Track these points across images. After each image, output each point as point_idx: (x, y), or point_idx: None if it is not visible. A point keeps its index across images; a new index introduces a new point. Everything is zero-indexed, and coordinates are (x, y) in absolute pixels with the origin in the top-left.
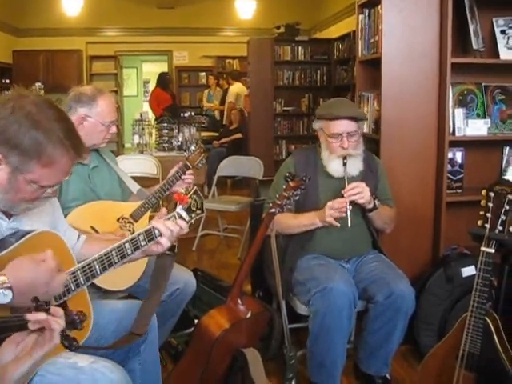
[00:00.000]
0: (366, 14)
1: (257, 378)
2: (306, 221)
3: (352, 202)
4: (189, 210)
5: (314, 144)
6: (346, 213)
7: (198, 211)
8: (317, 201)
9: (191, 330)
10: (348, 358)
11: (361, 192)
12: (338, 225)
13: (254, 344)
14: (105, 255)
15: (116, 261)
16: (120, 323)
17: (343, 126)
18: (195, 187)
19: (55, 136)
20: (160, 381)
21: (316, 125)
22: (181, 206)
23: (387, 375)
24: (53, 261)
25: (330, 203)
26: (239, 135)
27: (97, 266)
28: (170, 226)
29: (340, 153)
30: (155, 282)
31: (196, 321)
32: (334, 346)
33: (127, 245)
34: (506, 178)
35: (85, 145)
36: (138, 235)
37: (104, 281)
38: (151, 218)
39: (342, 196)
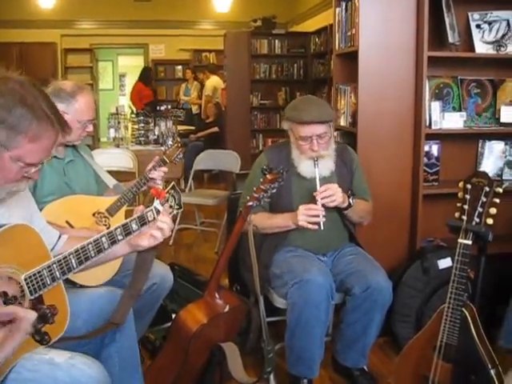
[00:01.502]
0: (343, 7)
1: (235, 371)
2: (281, 222)
3: (324, 205)
4: (166, 206)
5: (287, 140)
6: (319, 216)
7: (176, 206)
8: (290, 201)
9: (169, 324)
10: (326, 351)
11: (332, 195)
12: (316, 227)
13: (231, 338)
14: (81, 249)
15: (93, 255)
16: (91, 312)
17: (311, 129)
18: (173, 183)
19: (40, 111)
20: (139, 366)
21: (285, 125)
22: (158, 201)
23: (365, 367)
24: (28, 323)
25: (301, 207)
26: (216, 129)
27: (73, 260)
28: (165, 220)
29: (310, 155)
30: (136, 273)
31: (173, 315)
32: (312, 338)
33: (104, 239)
34: (480, 170)
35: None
36: (115, 229)
37: (80, 276)
38: (127, 212)
39: (314, 198)
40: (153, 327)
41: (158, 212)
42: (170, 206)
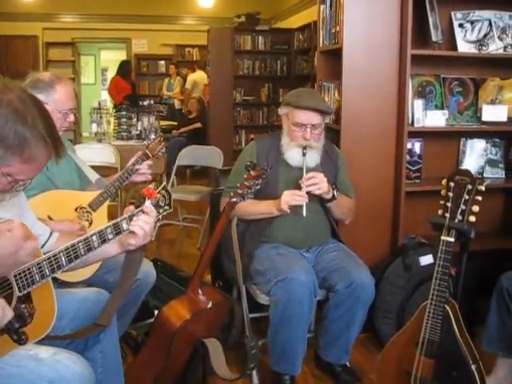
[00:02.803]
0: (328, 4)
1: (218, 367)
2: (263, 209)
3: (309, 193)
4: (157, 206)
5: (277, 132)
6: (303, 203)
7: (166, 207)
8: (276, 189)
9: (151, 320)
10: (308, 347)
11: (318, 183)
12: (288, 211)
13: (214, 334)
14: (71, 247)
15: (82, 253)
16: (77, 312)
17: (308, 116)
18: (164, 183)
19: (39, 133)
20: (121, 368)
21: (282, 110)
22: (149, 201)
23: (347, 363)
24: (19, 230)
25: (286, 192)
26: (198, 124)
27: (63, 258)
28: (146, 219)
29: (300, 142)
30: (124, 274)
31: (156, 311)
32: (295, 336)
33: (94, 237)
34: (462, 168)
35: (63, 143)
36: (106, 228)
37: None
38: (110, 207)
39: (300, 185)
40: (135, 323)
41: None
42: (161, 207)
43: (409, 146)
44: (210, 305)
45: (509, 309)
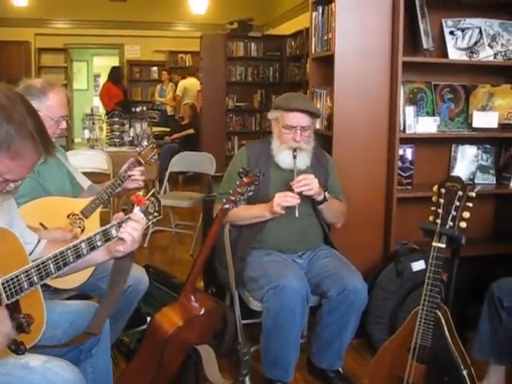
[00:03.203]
0: (320, 12)
1: (211, 374)
2: (256, 213)
3: (301, 194)
4: (146, 213)
5: (268, 137)
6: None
7: (156, 213)
8: (267, 192)
9: (143, 327)
10: (301, 353)
11: (309, 184)
12: (283, 212)
13: (207, 340)
14: (60, 254)
15: (71, 260)
16: (72, 323)
17: (298, 118)
18: (154, 189)
19: (27, 131)
20: (111, 381)
21: (272, 115)
22: (138, 208)
23: (340, 369)
24: None
25: (278, 194)
26: (191, 131)
27: (51, 265)
28: (134, 226)
29: (291, 145)
30: (113, 281)
31: (148, 318)
32: (288, 343)
33: (83, 244)
34: (453, 174)
35: (53, 142)
36: (95, 235)
37: (54, 279)
38: (102, 214)
39: (291, 187)
40: (127, 330)
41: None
42: (150, 213)
43: (400, 152)
44: (202, 311)
45: (500, 317)
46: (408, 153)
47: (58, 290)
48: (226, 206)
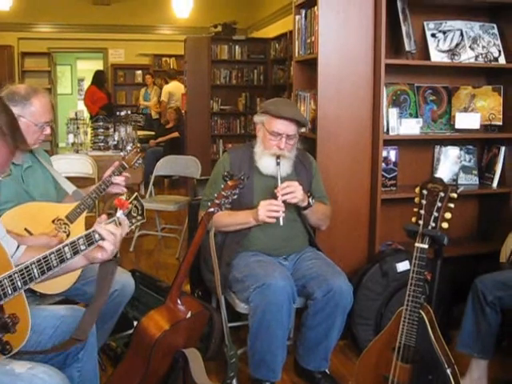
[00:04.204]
0: (303, 15)
1: (198, 377)
2: (241, 219)
3: (285, 202)
4: (129, 216)
5: (251, 142)
6: (279, 212)
7: (139, 217)
8: (251, 199)
9: (130, 331)
10: (288, 355)
11: (293, 191)
12: (274, 221)
13: (194, 344)
14: (43, 259)
15: (55, 264)
16: (58, 328)
17: (285, 126)
18: (136, 193)
19: None
20: None
21: (258, 118)
22: (121, 212)
23: (327, 370)
24: None
25: (262, 202)
26: (176, 134)
27: (35, 270)
28: (111, 230)
29: (274, 151)
30: (99, 288)
31: (135, 322)
32: (274, 341)
33: (66, 248)
34: (437, 175)
35: (25, 138)
36: (78, 239)
37: (40, 284)
38: (87, 219)
39: (275, 194)
40: (114, 335)
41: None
42: (133, 217)
43: (384, 153)
44: (189, 315)
45: (484, 311)
46: (392, 154)
47: (43, 295)
48: (211, 209)
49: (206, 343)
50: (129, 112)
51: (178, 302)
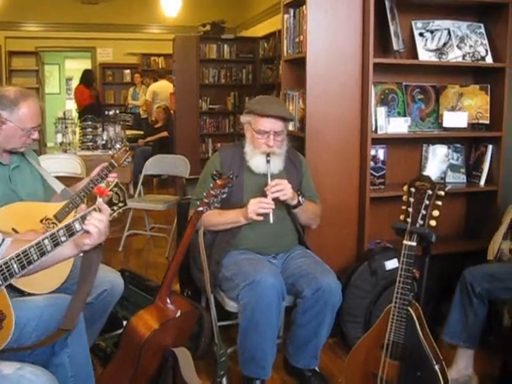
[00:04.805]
0: (291, 14)
1: (188, 376)
2: (231, 218)
3: (275, 199)
4: (110, 204)
5: (241, 141)
6: (269, 209)
7: (121, 204)
8: (241, 197)
9: (120, 331)
10: (278, 353)
11: (283, 189)
12: (261, 218)
13: (184, 343)
14: (23, 253)
15: (35, 258)
16: (41, 319)
17: (271, 124)
18: (116, 180)
19: None
20: (92, 370)
21: (244, 118)
22: (101, 199)
23: (316, 368)
24: None
25: (252, 200)
26: (165, 133)
27: (14, 265)
28: (94, 215)
29: (264, 149)
30: (83, 276)
31: (125, 322)
32: (264, 338)
33: (46, 241)
34: (425, 173)
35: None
36: (58, 231)
37: (29, 283)
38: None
39: (265, 193)
40: (104, 334)
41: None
42: (115, 204)
43: (373, 152)
44: (178, 314)
45: (471, 302)
46: (380, 153)
47: (32, 295)
48: (200, 208)
49: (195, 342)
50: (117, 111)
51: (168, 301)
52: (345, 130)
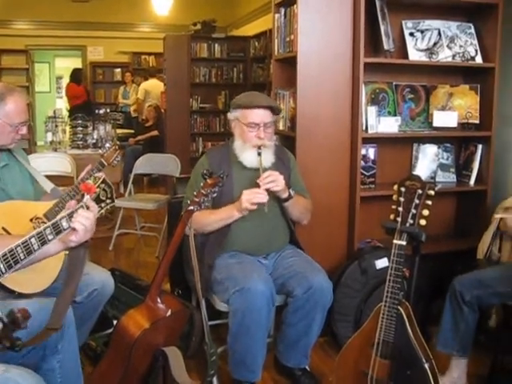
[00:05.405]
0: (282, 13)
1: (178, 376)
2: (224, 214)
3: (268, 191)
4: (98, 200)
5: (227, 141)
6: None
7: (108, 200)
8: (232, 193)
9: (110, 331)
10: (268, 352)
11: (276, 180)
12: (255, 207)
13: (174, 342)
14: (9, 252)
15: (22, 257)
16: (32, 323)
17: (261, 115)
18: (103, 176)
19: None
20: (81, 377)
21: (232, 114)
22: (88, 196)
23: (307, 367)
24: None
25: (245, 191)
26: (155, 132)
27: (1, 265)
28: (81, 213)
29: (255, 142)
30: (69, 273)
31: (115, 321)
32: (254, 344)
33: (33, 240)
34: (415, 173)
35: None
36: (45, 229)
37: (18, 283)
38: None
39: (258, 185)
40: (94, 334)
41: (89, 208)
42: (102, 201)
43: (363, 151)
44: (169, 313)
45: (462, 311)
46: (370, 152)
47: (22, 294)
48: (191, 207)
49: (186, 341)
50: (108, 110)
51: (158, 300)
52: (335, 130)
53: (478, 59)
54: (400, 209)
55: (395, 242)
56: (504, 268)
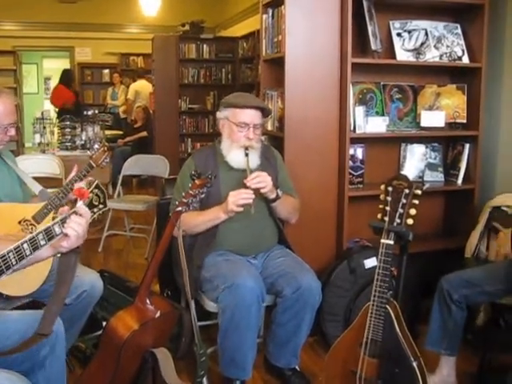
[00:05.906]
0: (270, 14)
1: (168, 377)
2: (212, 215)
3: (255, 192)
4: (91, 205)
5: (213, 142)
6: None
7: (101, 205)
8: (219, 194)
9: (99, 332)
10: (258, 352)
11: (263, 181)
12: (242, 209)
13: (163, 343)
14: (1, 258)
15: (14, 263)
16: (25, 333)
17: (252, 115)
18: (97, 181)
19: None
20: None
21: (222, 113)
22: (81, 202)
23: (297, 367)
24: None
25: (232, 193)
26: (144, 133)
27: None
28: (73, 219)
29: (243, 143)
30: (60, 279)
31: (104, 323)
32: (244, 341)
33: (25, 245)
34: (403, 172)
35: None
36: (37, 234)
37: (7, 287)
38: (55, 219)
39: (245, 186)
40: (83, 336)
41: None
42: (95, 206)
43: (351, 151)
44: (158, 314)
45: (450, 309)
46: (359, 152)
47: (10, 297)
48: (179, 208)
49: (175, 343)
50: (96, 111)
51: (147, 301)
52: (323, 130)
53: (465, 59)
54: (387, 208)
55: (383, 241)
56: (491, 266)
